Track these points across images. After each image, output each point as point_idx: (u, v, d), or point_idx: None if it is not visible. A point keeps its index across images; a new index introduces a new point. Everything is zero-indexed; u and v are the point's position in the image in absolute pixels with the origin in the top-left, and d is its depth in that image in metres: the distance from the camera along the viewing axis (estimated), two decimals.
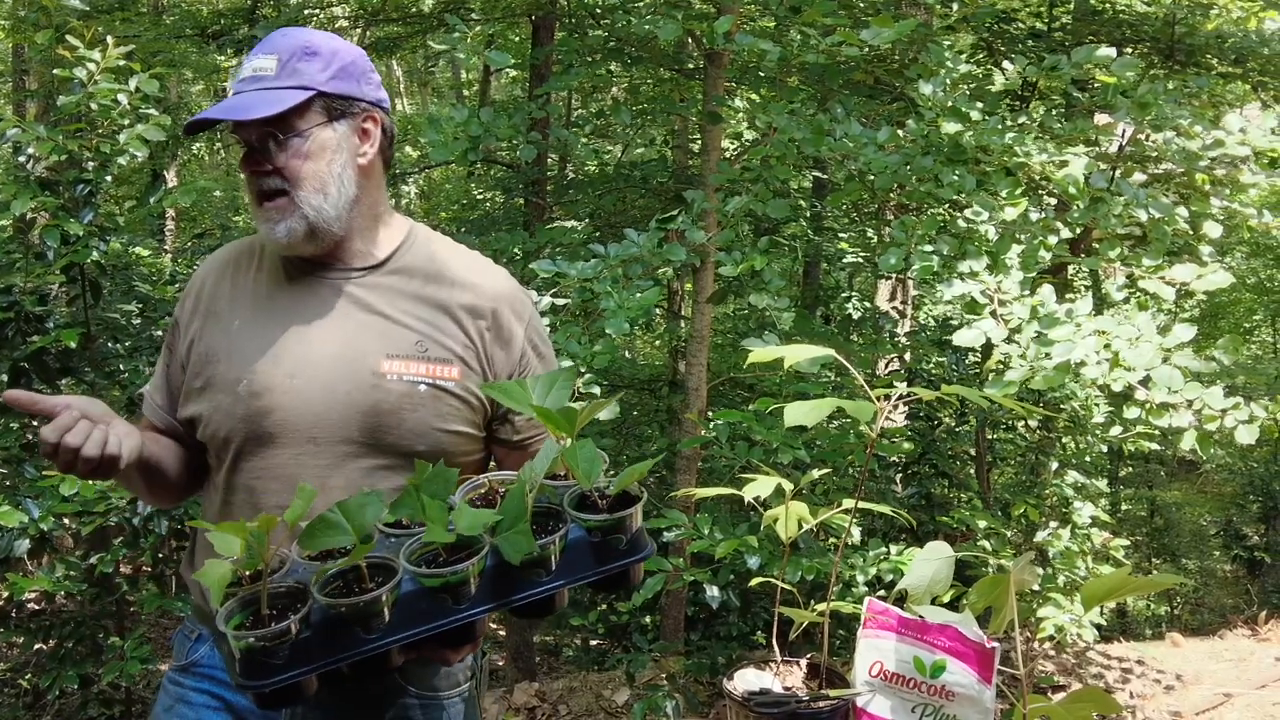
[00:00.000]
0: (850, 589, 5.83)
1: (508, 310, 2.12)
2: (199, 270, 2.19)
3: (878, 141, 4.94)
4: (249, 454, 2.00)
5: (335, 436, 1.98)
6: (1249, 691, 6.83)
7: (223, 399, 2.01)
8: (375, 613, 1.61)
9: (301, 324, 2.03)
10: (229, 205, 16.73)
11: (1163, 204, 4.81)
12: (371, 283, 2.08)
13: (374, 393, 1.99)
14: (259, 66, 1.98)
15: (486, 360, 2.09)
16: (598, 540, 1.73)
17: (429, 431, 2.01)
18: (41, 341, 4.61)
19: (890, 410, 1.77)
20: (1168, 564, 13.47)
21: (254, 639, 1.54)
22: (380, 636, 1.62)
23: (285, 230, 1.98)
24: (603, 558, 1.74)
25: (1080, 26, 8.11)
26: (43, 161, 4.76)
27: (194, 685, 2.09)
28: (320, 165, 2.00)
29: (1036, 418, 8.19)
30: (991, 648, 1.60)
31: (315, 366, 2.00)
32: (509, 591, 1.69)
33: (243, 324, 2.05)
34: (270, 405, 1.98)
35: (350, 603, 1.59)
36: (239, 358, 2.02)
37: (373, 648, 1.62)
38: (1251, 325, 17.74)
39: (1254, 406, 4.16)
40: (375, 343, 2.02)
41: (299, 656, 1.58)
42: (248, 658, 1.56)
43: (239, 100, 1.96)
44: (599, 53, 7.25)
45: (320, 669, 1.60)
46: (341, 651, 1.61)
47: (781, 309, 4.91)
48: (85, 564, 4.73)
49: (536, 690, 6.67)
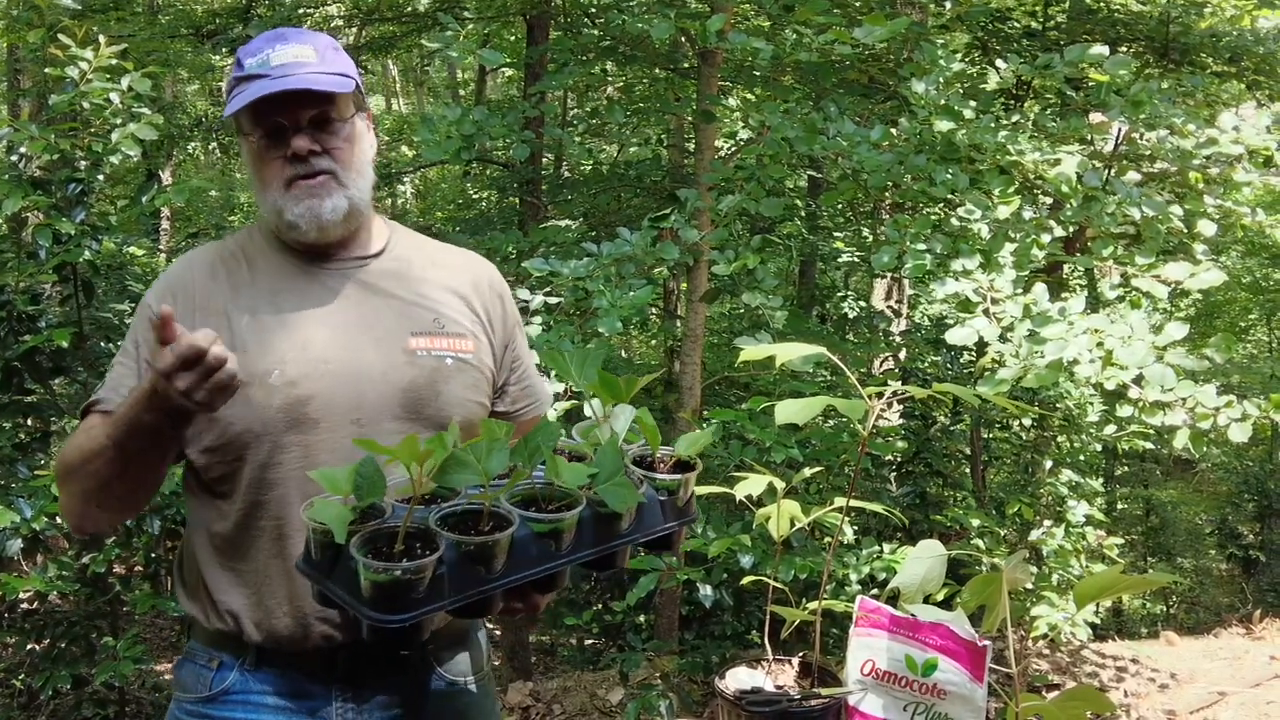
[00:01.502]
0: (843, 588, 5.83)
1: (497, 287, 2.25)
2: (178, 272, 2.12)
3: (871, 140, 4.94)
4: (288, 444, 1.97)
5: (378, 415, 1.99)
6: (1243, 690, 6.83)
7: (253, 392, 1.95)
8: (496, 554, 1.67)
9: (320, 312, 2.05)
10: (224, 205, 16.73)
11: (1156, 202, 4.81)
12: (375, 269, 2.12)
13: (409, 369, 2.03)
14: (299, 54, 2.01)
15: (491, 332, 2.18)
16: (664, 499, 1.86)
17: (462, 402, 2.07)
18: (34, 341, 4.59)
19: (884, 409, 1.77)
20: (1163, 563, 13.49)
21: (401, 571, 1.58)
22: (499, 576, 1.69)
23: (331, 208, 2.02)
24: (668, 515, 1.87)
25: (1075, 25, 8.11)
26: (35, 160, 4.75)
27: (227, 715, 2.01)
28: (359, 152, 2.09)
29: (1031, 416, 8.19)
30: (983, 646, 1.60)
31: (346, 349, 2.01)
32: (595, 542, 1.78)
33: (254, 318, 2.02)
34: (310, 391, 1.97)
35: (482, 541, 1.65)
36: (261, 350, 1.99)
37: (494, 586, 1.69)
38: (1247, 324, 17.75)
39: (1247, 405, 4.16)
40: (398, 322, 2.07)
41: (435, 592, 1.63)
42: (385, 592, 1.59)
43: (299, 79, 1.98)
44: (593, 52, 7.25)
45: (453, 605, 1.65)
46: (470, 588, 1.67)
47: (775, 308, 4.91)
48: (78, 564, 4.71)
49: (531, 690, 6.67)
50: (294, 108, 1.99)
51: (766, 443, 5.09)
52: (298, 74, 1.98)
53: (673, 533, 1.90)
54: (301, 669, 1.99)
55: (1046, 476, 8.58)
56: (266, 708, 2.00)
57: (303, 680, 1.99)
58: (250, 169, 2.08)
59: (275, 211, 2.04)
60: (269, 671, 2.00)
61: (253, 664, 2.01)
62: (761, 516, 2.04)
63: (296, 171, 2.01)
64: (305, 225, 2.03)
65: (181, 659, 2.13)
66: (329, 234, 2.05)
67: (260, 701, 2.00)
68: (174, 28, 10.29)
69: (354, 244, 2.12)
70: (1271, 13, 7.39)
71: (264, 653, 2.00)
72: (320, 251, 2.09)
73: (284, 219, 2.03)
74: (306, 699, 1.99)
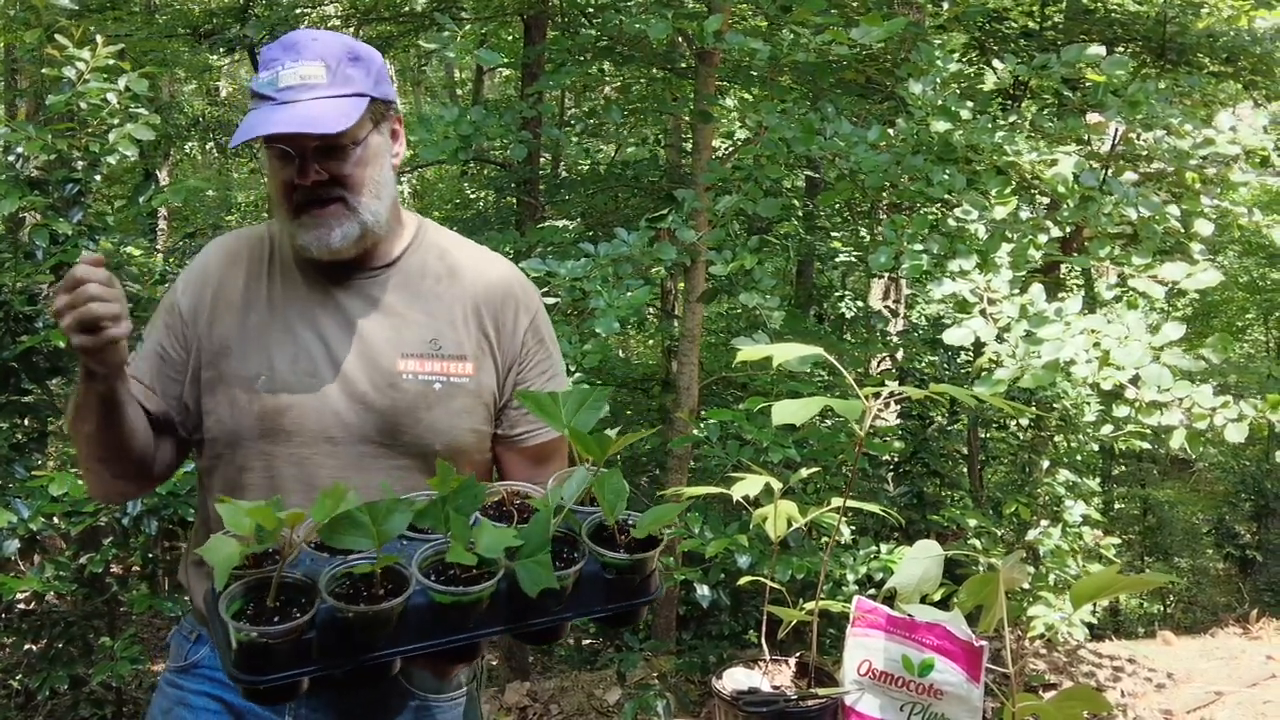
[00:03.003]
0: (840, 588, 5.83)
1: (514, 301, 2.14)
2: (203, 256, 2.12)
3: (868, 140, 4.94)
4: (261, 451, 1.98)
5: (353, 437, 1.98)
6: (1240, 690, 6.84)
7: (237, 393, 1.98)
8: (384, 622, 1.56)
9: (318, 324, 2.03)
10: (221, 205, 16.71)
11: (1153, 202, 4.81)
12: (384, 281, 2.08)
13: (391, 392, 2.00)
14: (307, 74, 1.92)
15: (496, 353, 2.10)
16: (612, 577, 1.71)
17: (446, 430, 2.02)
18: (30, 341, 4.59)
19: (881, 409, 1.76)
20: (1160, 562, 13.49)
21: (257, 634, 1.49)
22: (385, 645, 1.58)
23: (341, 236, 1.97)
24: (614, 596, 1.72)
25: (1072, 25, 8.11)
26: (32, 161, 4.74)
27: (195, 687, 2.07)
28: (375, 171, 2.01)
29: (1028, 416, 8.19)
30: (979, 646, 1.60)
31: (333, 366, 2.00)
32: (518, 617, 1.66)
33: (259, 319, 2.03)
34: (288, 403, 1.97)
35: (361, 611, 1.54)
36: (255, 353, 2.00)
37: (374, 657, 1.59)
38: (1244, 324, 17.76)
39: (1243, 405, 4.17)
40: (390, 343, 2.03)
41: (299, 656, 1.54)
42: (246, 650, 1.52)
43: (301, 111, 1.90)
44: (590, 52, 7.24)
45: (318, 673, 1.56)
46: (342, 657, 1.57)
47: (772, 308, 4.91)
48: (75, 564, 4.71)
49: (528, 690, 6.67)
50: (299, 137, 1.92)
51: (764, 443, 5.09)
52: (301, 101, 1.91)
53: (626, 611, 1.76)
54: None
55: (1044, 476, 8.58)
56: (228, 685, 1.98)
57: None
58: (267, 179, 2.05)
59: (287, 233, 2.02)
60: None
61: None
62: (759, 517, 2.04)
63: (304, 199, 1.97)
64: (316, 251, 1.99)
65: (175, 629, 2.19)
66: (340, 256, 2.02)
67: (224, 679, 1.98)
68: (171, 27, 10.26)
69: (370, 256, 2.08)
70: (1269, 13, 7.39)
71: None
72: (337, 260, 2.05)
73: (295, 241, 2.01)
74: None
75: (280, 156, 1.96)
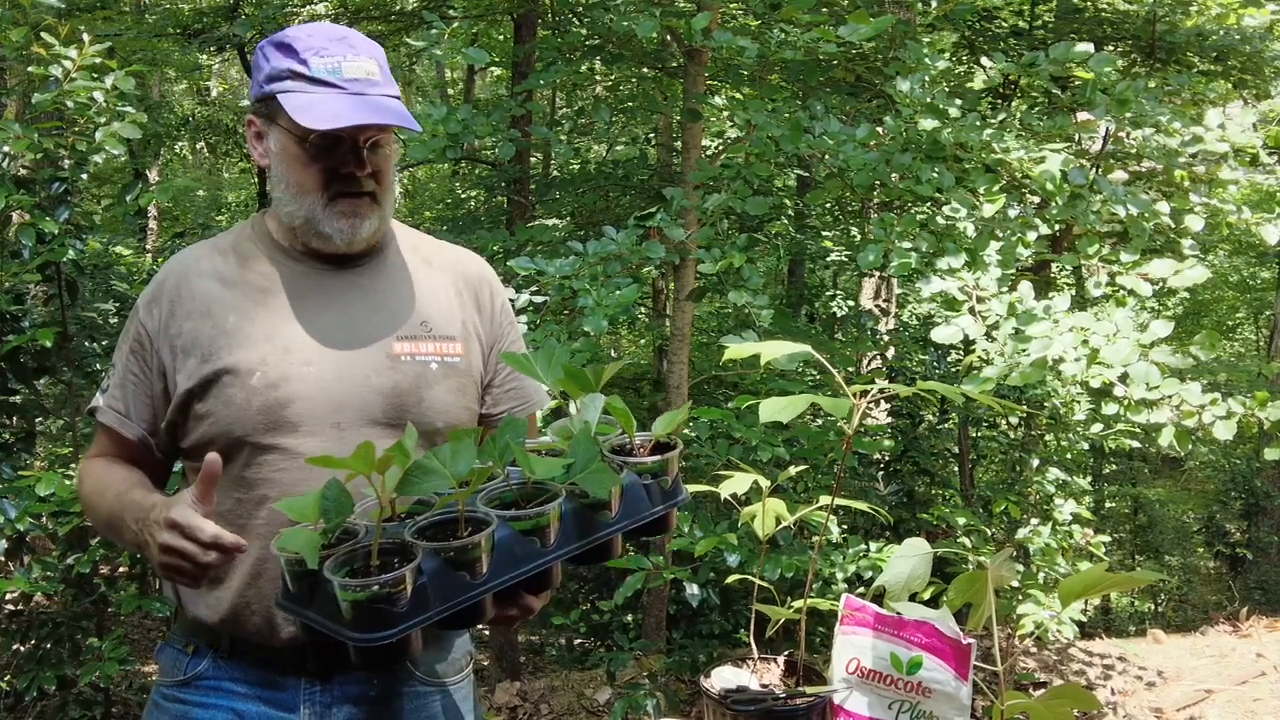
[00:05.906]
0: (829, 586, 5.83)
1: (487, 285, 2.22)
2: (161, 275, 2.12)
3: (857, 139, 4.95)
4: (267, 447, 1.97)
5: (359, 420, 1.99)
6: (1230, 688, 6.86)
7: (234, 393, 1.97)
8: (478, 557, 1.64)
9: (306, 313, 2.03)
10: (211, 204, 16.69)
11: (1141, 200, 4.82)
12: (368, 270, 2.10)
13: (392, 374, 2.02)
14: (369, 70, 1.99)
15: (480, 333, 2.16)
16: (648, 483, 1.86)
17: (446, 408, 2.06)
18: (17, 340, 4.57)
19: (871, 407, 1.77)
20: (1151, 561, 13.51)
21: (379, 586, 1.54)
22: (484, 581, 1.66)
23: (368, 228, 2.03)
24: (654, 499, 1.87)
25: (1062, 24, 8.14)
26: (19, 159, 4.72)
27: (199, 700, 2.04)
28: (392, 170, 2.08)
29: (1018, 414, 8.20)
30: (968, 644, 1.60)
31: (329, 353, 2.00)
32: (582, 535, 1.78)
33: (240, 318, 2.01)
34: (289, 395, 1.97)
35: (462, 544, 1.61)
36: (245, 351, 1.99)
37: (481, 591, 1.65)
38: (1234, 323, 17.82)
39: (1232, 402, 4.17)
40: (384, 326, 2.06)
41: (419, 604, 1.59)
42: (364, 610, 1.56)
43: (382, 104, 1.98)
44: (580, 50, 7.24)
45: (439, 615, 1.62)
46: (455, 596, 1.63)
47: (761, 306, 4.91)
48: (63, 565, 4.69)
49: (518, 689, 6.66)
50: (370, 128, 1.97)
51: (753, 441, 5.09)
52: (371, 95, 1.98)
53: (664, 515, 1.89)
54: (272, 661, 2.00)
55: (1034, 475, 8.57)
56: (237, 695, 2.02)
57: (273, 673, 2.00)
58: (281, 164, 2.02)
59: (307, 219, 2.02)
60: (241, 662, 2.02)
61: (226, 653, 2.03)
62: (747, 515, 2.04)
63: (343, 189, 2.00)
64: (339, 240, 2.03)
65: (163, 644, 2.16)
66: (356, 248, 2.06)
67: (231, 689, 2.02)
68: (161, 26, 10.25)
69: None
70: (1257, 11, 7.40)
71: (236, 643, 2.02)
72: (314, 252, 2.07)
73: (316, 228, 2.02)
74: (277, 690, 2.00)
75: (326, 144, 1.98)
